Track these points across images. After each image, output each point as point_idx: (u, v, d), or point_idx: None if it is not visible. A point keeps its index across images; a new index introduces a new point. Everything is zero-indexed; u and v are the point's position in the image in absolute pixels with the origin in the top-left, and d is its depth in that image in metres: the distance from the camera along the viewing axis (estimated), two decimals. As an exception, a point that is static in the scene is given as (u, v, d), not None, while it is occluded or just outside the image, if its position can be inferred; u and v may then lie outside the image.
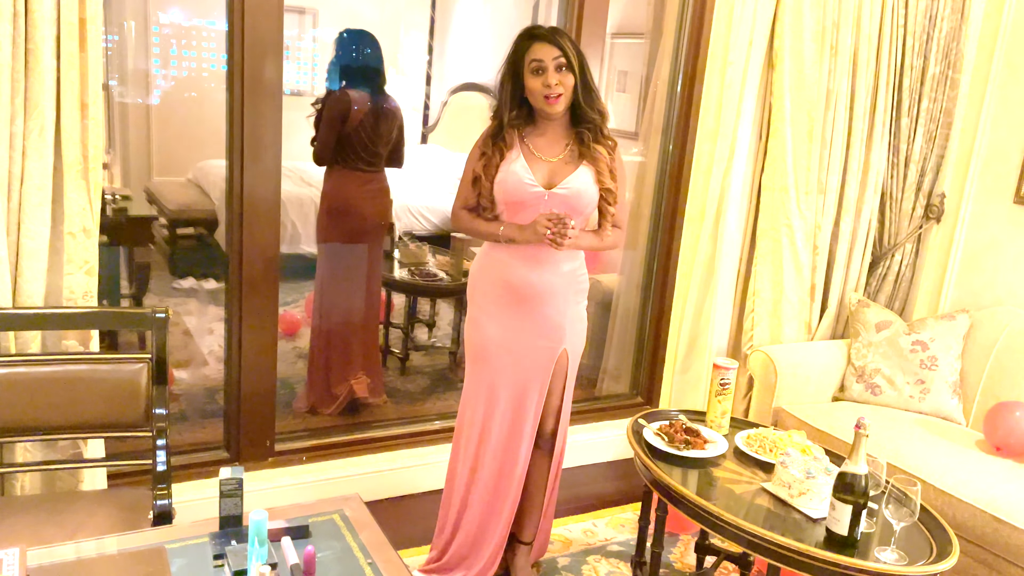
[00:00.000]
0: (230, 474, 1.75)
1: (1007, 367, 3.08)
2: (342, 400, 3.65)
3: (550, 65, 2.19)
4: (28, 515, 2.01)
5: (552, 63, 2.19)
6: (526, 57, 2.22)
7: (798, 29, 3.16)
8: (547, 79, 2.20)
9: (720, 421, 2.57)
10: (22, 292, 2.16)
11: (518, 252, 2.32)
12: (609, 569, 2.78)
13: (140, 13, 5.72)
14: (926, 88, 3.39)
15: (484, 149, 2.32)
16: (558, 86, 2.20)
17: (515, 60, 2.24)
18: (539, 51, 2.20)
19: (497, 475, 2.45)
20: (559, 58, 2.20)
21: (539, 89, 2.21)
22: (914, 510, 1.98)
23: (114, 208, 4.00)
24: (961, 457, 2.78)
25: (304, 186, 5.43)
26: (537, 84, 2.21)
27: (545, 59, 2.19)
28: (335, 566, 1.70)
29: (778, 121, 3.25)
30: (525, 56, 2.22)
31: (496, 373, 2.39)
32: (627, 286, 3.84)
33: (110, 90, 5.48)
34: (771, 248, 3.38)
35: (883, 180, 3.48)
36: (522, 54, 2.23)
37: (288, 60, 6.19)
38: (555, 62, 2.20)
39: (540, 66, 2.20)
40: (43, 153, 2.11)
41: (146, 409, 2.15)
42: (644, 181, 3.67)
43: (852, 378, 3.27)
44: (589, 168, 2.30)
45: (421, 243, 4.67)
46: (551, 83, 2.20)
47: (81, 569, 1.63)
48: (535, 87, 2.22)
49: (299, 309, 4.85)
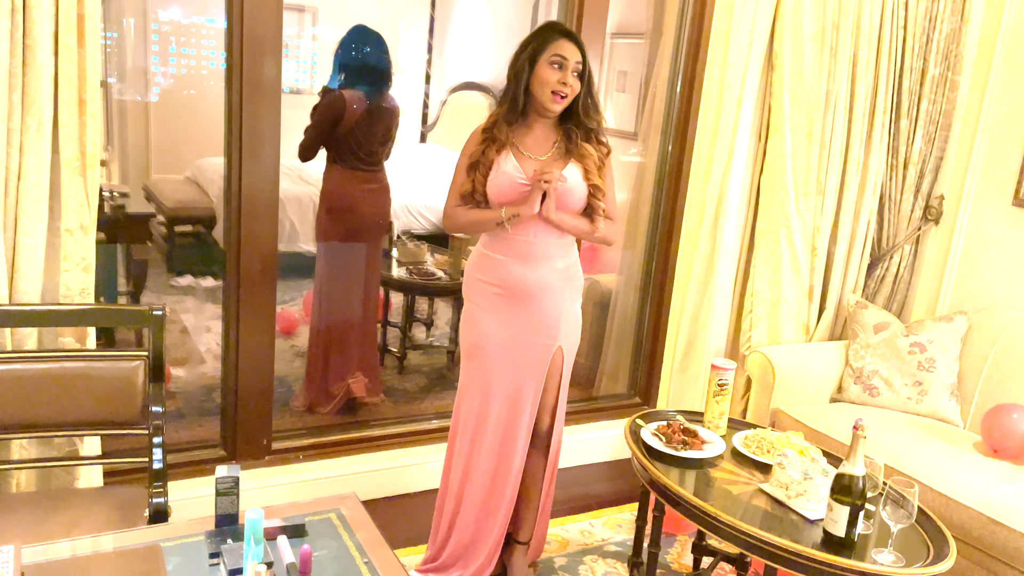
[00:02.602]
0: (226, 472, 1.74)
1: (1005, 369, 3.08)
2: (340, 399, 3.65)
3: (570, 66, 2.24)
4: (23, 512, 2.00)
5: (572, 65, 2.24)
6: (550, 49, 2.24)
7: (798, 30, 3.16)
8: (564, 76, 2.23)
9: (718, 422, 2.57)
10: (19, 289, 2.16)
11: (513, 249, 2.33)
12: (606, 569, 2.78)
13: (139, 10, 5.71)
14: (925, 90, 3.39)
15: (478, 147, 2.32)
16: (569, 88, 2.24)
17: (537, 49, 2.26)
18: (565, 48, 2.24)
19: (493, 473, 2.45)
20: (579, 63, 2.26)
21: (553, 83, 2.23)
22: (911, 512, 1.98)
23: (112, 205, 3.99)
24: (958, 459, 2.78)
25: (303, 184, 5.42)
26: (554, 78, 2.23)
27: (568, 58, 2.24)
28: (331, 565, 1.70)
29: (777, 122, 3.25)
30: (548, 47, 2.24)
31: (491, 371, 2.39)
32: (625, 286, 3.84)
33: (109, 87, 5.47)
34: (770, 249, 3.38)
35: (882, 181, 3.48)
36: (546, 45, 2.25)
37: (287, 58, 6.19)
38: (575, 65, 2.25)
39: (562, 62, 2.23)
40: (40, 149, 2.10)
41: (142, 407, 2.14)
42: (643, 181, 3.67)
43: (850, 379, 3.27)
44: (577, 165, 2.31)
45: (419, 242, 4.67)
46: (568, 81, 2.24)
47: (76, 567, 1.63)
48: (550, 79, 2.24)
49: (297, 308, 4.85)
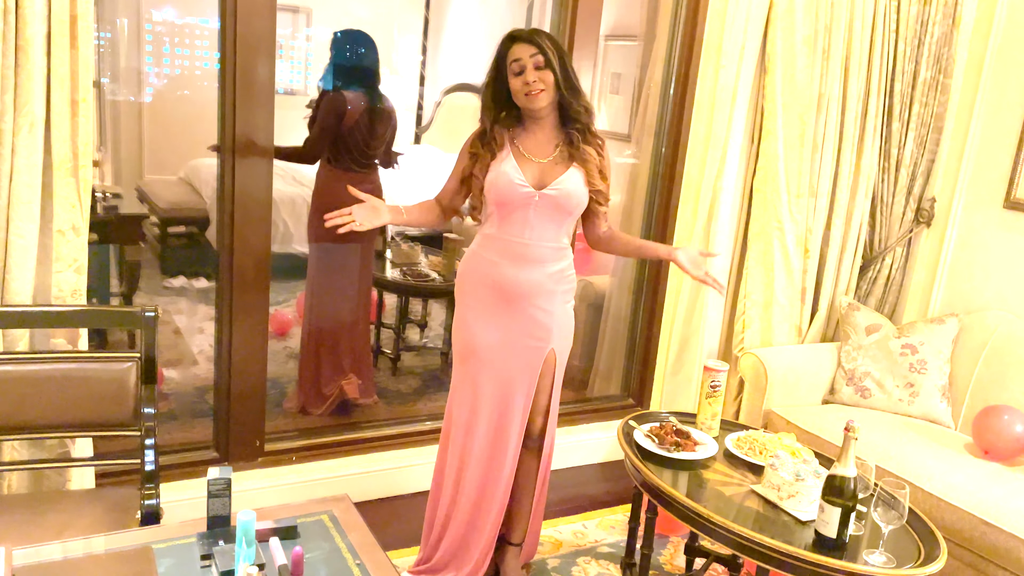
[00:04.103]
0: (218, 474, 1.74)
1: (996, 371, 3.09)
2: (332, 400, 3.64)
3: (528, 63, 2.22)
4: (14, 514, 1.99)
5: (531, 61, 2.22)
6: (508, 59, 2.25)
7: (790, 33, 3.17)
8: (526, 77, 2.23)
9: (710, 423, 2.57)
10: (10, 290, 2.15)
11: (506, 251, 2.33)
12: (599, 570, 2.78)
13: (132, 10, 5.69)
14: (917, 93, 3.40)
15: (474, 149, 2.34)
16: (537, 83, 2.22)
17: (499, 63, 2.28)
18: (518, 51, 2.24)
19: (485, 475, 2.45)
20: (536, 55, 2.22)
21: (520, 88, 2.24)
22: (902, 513, 1.98)
23: (104, 206, 3.97)
24: (950, 460, 2.79)
25: (296, 185, 5.41)
26: (518, 84, 2.24)
27: (523, 58, 2.23)
28: (323, 567, 1.70)
29: (770, 124, 3.26)
30: (507, 58, 2.25)
31: (483, 373, 2.39)
32: (619, 288, 3.84)
33: (102, 87, 5.45)
34: (762, 251, 3.39)
35: (874, 184, 3.50)
36: (504, 56, 2.26)
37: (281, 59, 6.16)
38: (533, 60, 2.22)
39: (520, 66, 2.23)
40: (32, 150, 2.10)
41: (135, 408, 2.14)
42: (637, 183, 3.68)
43: (842, 381, 3.28)
44: (579, 170, 2.31)
45: (413, 243, 4.66)
46: (529, 80, 2.22)
47: (67, 569, 1.62)
48: (516, 87, 2.25)
49: (290, 309, 4.84)
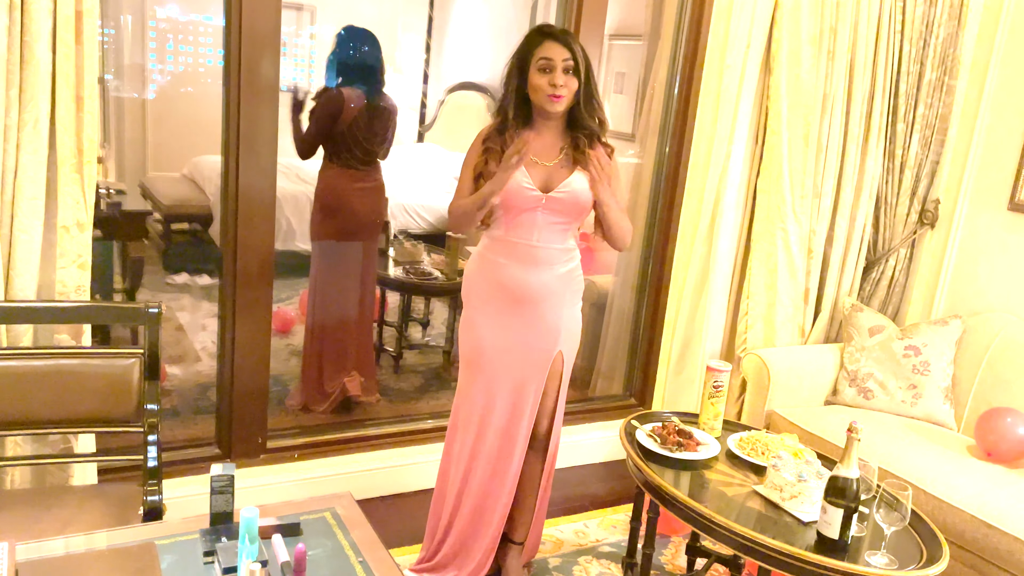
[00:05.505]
0: (221, 471, 1.74)
1: (999, 373, 3.09)
2: (335, 398, 3.64)
3: (559, 65, 2.19)
4: (17, 510, 2.00)
5: (561, 64, 2.20)
6: (536, 53, 2.22)
7: (795, 33, 3.17)
8: (554, 78, 2.20)
9: (713, 423, 2.57)
10: (14, 285, 2.16)
11: (515, 253, 2.32)
12: (600, 570, 2.78)
13: (137, 7, 5.70)
14: (922, 94, 3.39)
15: (489, 142, 2.30)
16: (563, 87, 2.20)
17: (524, 55, 2.24)
18: (550, 50, 2.21)
19: (490, 476, 2.45)
20: (568, 60, 2.20)
21: (544, 87, 2.21)
22: (905, 515, 1.98)
23: (108, 202, 3.97)
24: (952, 462, 2.78)
25: (300, 183, 5.41)
26: (543, 82, 2.21)
27: (555, 59, 2.20)
28: (326, 564, 1.70)
29: (774, 124, 3.26)
30: (535, 52, 2.22)
31: (492, 375, 2.39)
32: (622, 287, 3.84)
33: (106, 84, 5.46)
34: (766, 251, 3.38)
35: (878, 185, 3.49)
36: (532, 50, 2.22)
37: (285, 56, 6.18)
38: (564, 63, 2.20)
39: (549, 64, 2.20)
40: (37, 146, 2.10)
41: (137, 404, 2.14)
42: (640, 183, 3.67)
43: (845, 382, 3.27)
44: (584, 173, 2.29)
45: (416, 241, 4.67)
46: (557, 83, 2.20)
47: (70, 564, 1.62)
48: (541, 84, 2.21)
49: (293, 306, 4.84)
